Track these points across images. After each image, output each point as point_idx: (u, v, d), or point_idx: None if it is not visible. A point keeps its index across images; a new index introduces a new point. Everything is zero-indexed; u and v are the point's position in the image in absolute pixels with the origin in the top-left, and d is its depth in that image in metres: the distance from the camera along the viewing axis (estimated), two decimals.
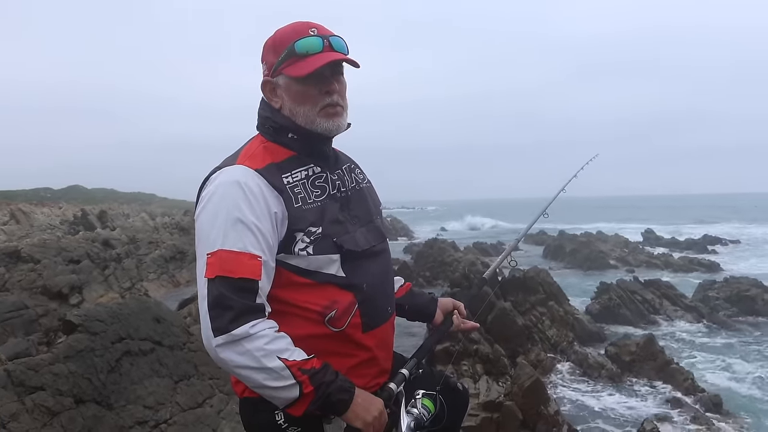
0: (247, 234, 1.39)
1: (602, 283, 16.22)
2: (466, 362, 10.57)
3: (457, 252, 25.85)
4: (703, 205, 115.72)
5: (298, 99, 1.55)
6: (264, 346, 1.35)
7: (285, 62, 1.52)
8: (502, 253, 2.40)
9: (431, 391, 1.64)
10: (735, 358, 12.78)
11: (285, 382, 1.35)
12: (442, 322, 1.94)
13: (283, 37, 1.53)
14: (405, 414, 1.56)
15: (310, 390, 1.37)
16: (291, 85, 1.54)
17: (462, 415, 1.88)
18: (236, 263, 1.37)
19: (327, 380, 1.39)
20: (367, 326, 1.57)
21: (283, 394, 1.37)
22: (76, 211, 39.64)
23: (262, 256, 1.40)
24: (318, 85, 1.53)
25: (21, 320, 11.87)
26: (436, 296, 2.01)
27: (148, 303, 7.15)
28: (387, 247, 1.73)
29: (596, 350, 12.50)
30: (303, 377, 1.36)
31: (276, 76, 1.56)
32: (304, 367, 1.37)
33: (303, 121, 1.55)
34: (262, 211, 1.42)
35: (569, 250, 30.24)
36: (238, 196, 1.42)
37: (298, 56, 1.50)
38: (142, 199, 68.36)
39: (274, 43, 1.55)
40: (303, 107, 1.55)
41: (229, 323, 1.33)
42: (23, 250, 17.73)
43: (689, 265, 26.79)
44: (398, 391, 1.58)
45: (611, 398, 10.75)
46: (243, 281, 1.36)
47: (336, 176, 1.63)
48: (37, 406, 4.82)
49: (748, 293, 15.42)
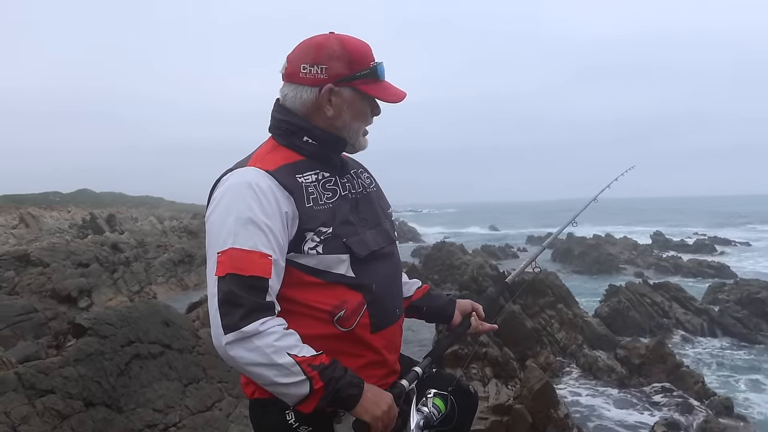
0: (257, 233, 1.40)
1: (611, 285, 16.12)
2: (476, 365, 10.53)
3: (465, 255, 25.78)
4: (711, 206, 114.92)
5: (357, 115, 1.61)
6: (274, 342, 1.35)
7: (363, 78, 1.57)
8: (527, 259, 2.34)
9: (443, 391, 1.65)
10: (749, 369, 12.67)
11: (295, 378, 1.35)
12: (459, 324, 1.94)
13: (359, 52, 1.57)
14: (415, 412, 1.56)
15: (321, 386, 1.37)
16: (356, 101, 1.59)
17: (471, 419, 1.88)
18: (247, 261, 1.38)
19: (336, 375, 1.39)
20: (376, 327, 1.59)
21: (293, 391, 1.37)
22: (84, 214, 39.91)
23: (273, 255, 1.40)
24: (373, 109, 1.65)
25: (30, 324, 11.94)
26: (454, 298, 2.01)
27: (157, 306, 7.16)
28: (396, 249, 1.75)
29: (606, 353, 12.42)
30: (313, 373, 1.36)
31: (342, 86, 1.57)
32: (313, 363, 1.37)
33: (348, 134, 1.62)
34: (273, 211, 1.44)
35: (578, 253, 30.11)
36: (248, 196, 1.44)
37: (378, 79, 1.59)
38: (150, 202, 68.70)
39: (347, 54, 1.55)
40: (357, 123, 1.62)
41: (240, 320, 1.34)
42: (33, 253, 17.86)
43: (699, 268, 26.60)
44: (410, 389, 1.58)
45: (621, 401, 10.67)
46: (253, 279, 1.37)
47: (345, 179, 1.66)
48: (47, 409, 4.84)
49: (758, 295, 15.26)
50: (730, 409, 9.52)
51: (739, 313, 14.66)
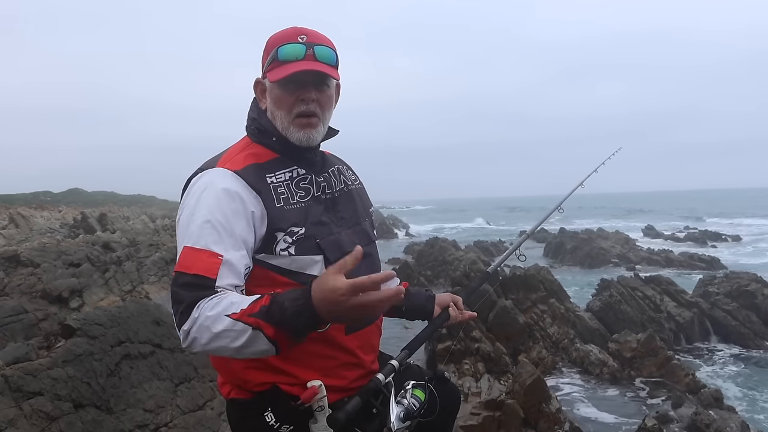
0: (211, 233, 1.39)
1: (603, 279, 16.19)
2: (468, 361, 10.56)
3: (458, 251, 25.82)
4: (701, 200, 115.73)
5: (276, 103, 1.58)
6: (209, 314, 1.28)
7: (269, 66, 1.56)
8: (510, 247, 2.30)
9: (421, 381, 1.65)
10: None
11: (246, 335, 1.24)
12: (438, 316, 1.94)
13: (273, 41, 1.57)
14: (395, 404, 1.56)
15: (273, 330, 1.24)
16: (273, 88, 1.58)
17: (454, 413, 1.88)
18: (193, 260, 1.37)
19: (282, 307, 1.23)
20: (351, 328, 1.57)
21: (257, 347, 1.26)
22: (75, 214, 39.60)
23: (224, 255, 1.37)
24: (295, 92, 1.55)
25: (21, 325, 11.84)
26: (433, 293, 2.00)
27: (148, 306, 7.13)
28: (374, 249, 1.74)
29: (597, 347, 12.49)
30: (257, 321, 1.24)
31: (264, 77, 1.61)
32: (253, 311, 1.25)
33: (280, 126, 1.58)
34: (236, 211, 1.43)
35: (570, 248, 30.23)
36: (210, 197, 1.44)
37: (279, 62, 1.53)
38: (142, 201, 68.29)
39: (266, 46, 1.59)
40: (280, 111, 1.58)
41: (180, 316, 1.31)
42: (23, 254, 17.69)
43: (689, 261, 26.79)
44: (386, 382, 1.56)
45: (613, 395, 10.74)
46: (196, 278, 1.34)
47: (322, 178, 1.64)
48: (35, 412, 4.81)
49: (748, 288, 15.39)
50: (719, 401, 9.61)
51: (729, 306, 14.79)
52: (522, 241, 2.35)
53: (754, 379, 11.86)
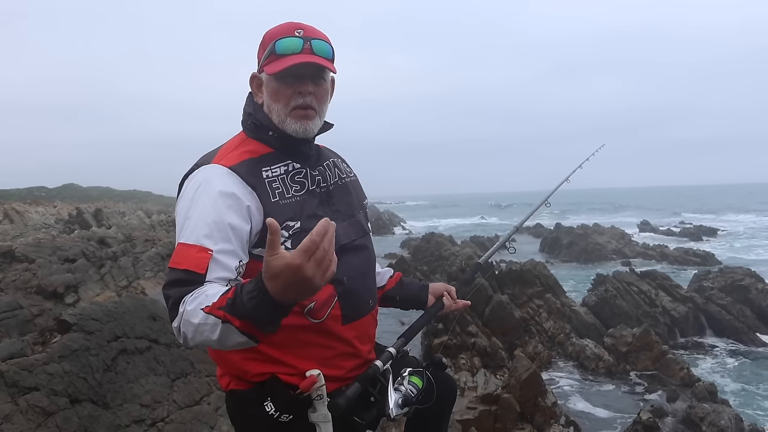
0: (203, 228, 1.41)
1: (599, 274, 16.27)
2: (464, 356, 10.60)
3: (454, 246, 25.87)
4: (696, 195, 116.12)
5: (273, 96, 1.59)
6: (188, 308, 1.28)
7: (266, 59, 1.57)
8: (500, 239, 2.37)
9: (418, 368, 1.68)
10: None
11: (218, 328, 1.23)
12: (432, 305, 1.99)
13: (270, 36, 1.59)
14: (393, 391, 1.58)
15: (240, 323, 1.21)
16: (270, 82, 1.59)
17: (450, 403, 1.90)
18: (184, 255, 1.38)
19: (244, 299, 1.19)
20: (347, 318, 1.60)
21: (234, 339, 1.24)
22: (71, 209, 39.46)
23: (214, 249, 1.38)
24: (293, 85, 1.57)
25: (16, 320, 11.80)
26: (426, 283, 2.05)
27: (144, 301, 7.12)
28: (369, 241, 1.76)
29: (593, 342, 12.55)
30: (225, 314, 1.22)
31: (261, 72, 1.61)
32: (222, 305, 1.23)
33: (276, 119, 1.59)
34: (230, 207, 1.44)
35: (566, 243, 30.33)
36: (205, 194, 1.46)
37: (276, 55, 1.54)
38: (137, 196, 68.08)
39: (263, 41, 1.61)
40: (277, 105, 1.59)
41: (171, 313, 1.33)
42: (17, 249, 17.62)
43: (685, 256, 26.90)
44: (384, 369, 1.60)
45: (608, 389, 10.80)
46: (186, 273, 1.35)
47: (317, 172, 1.65)
48: (31, 407, 4.79)
49: (742, 282, 15.50)
50: (714, 395, 9.67)
51: (724, 300, 14.87)
52: (511, 234, 2.42)
53: (748, 372, 11.95)
